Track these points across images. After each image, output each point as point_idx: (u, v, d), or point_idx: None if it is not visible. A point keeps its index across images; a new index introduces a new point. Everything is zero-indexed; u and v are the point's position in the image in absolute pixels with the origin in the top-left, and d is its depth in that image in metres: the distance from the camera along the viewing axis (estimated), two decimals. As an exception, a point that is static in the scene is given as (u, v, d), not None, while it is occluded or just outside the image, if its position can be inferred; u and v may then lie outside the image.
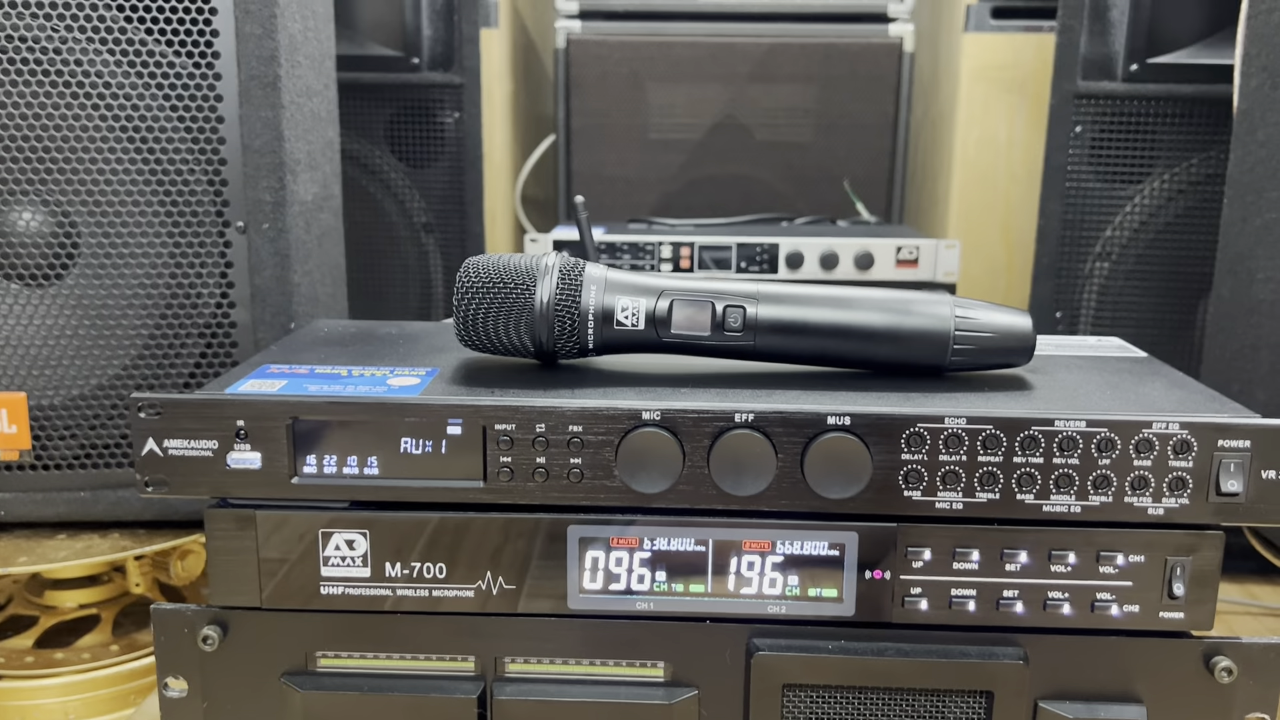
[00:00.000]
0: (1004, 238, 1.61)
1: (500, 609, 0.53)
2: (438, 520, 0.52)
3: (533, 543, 0.52)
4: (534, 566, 0.52)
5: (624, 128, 1.60)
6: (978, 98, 1.56)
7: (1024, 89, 1.57)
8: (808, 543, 0.51)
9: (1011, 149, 1.58)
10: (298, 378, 0.54)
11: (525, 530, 0.52)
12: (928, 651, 0.51)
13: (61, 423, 0.80)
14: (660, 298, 0.55)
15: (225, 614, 0.53)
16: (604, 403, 0.50)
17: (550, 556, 0.52)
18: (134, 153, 0.77)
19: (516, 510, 0.52)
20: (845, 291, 0.55)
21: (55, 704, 0.85)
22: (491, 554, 0.52)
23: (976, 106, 1.56)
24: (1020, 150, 1.58)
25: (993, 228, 1.61)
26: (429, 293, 1.26)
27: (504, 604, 0.52)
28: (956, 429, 0.49)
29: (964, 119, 1.57)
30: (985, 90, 1.56)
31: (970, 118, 1.57)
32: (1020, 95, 1.57)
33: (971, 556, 0.51)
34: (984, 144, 1.57)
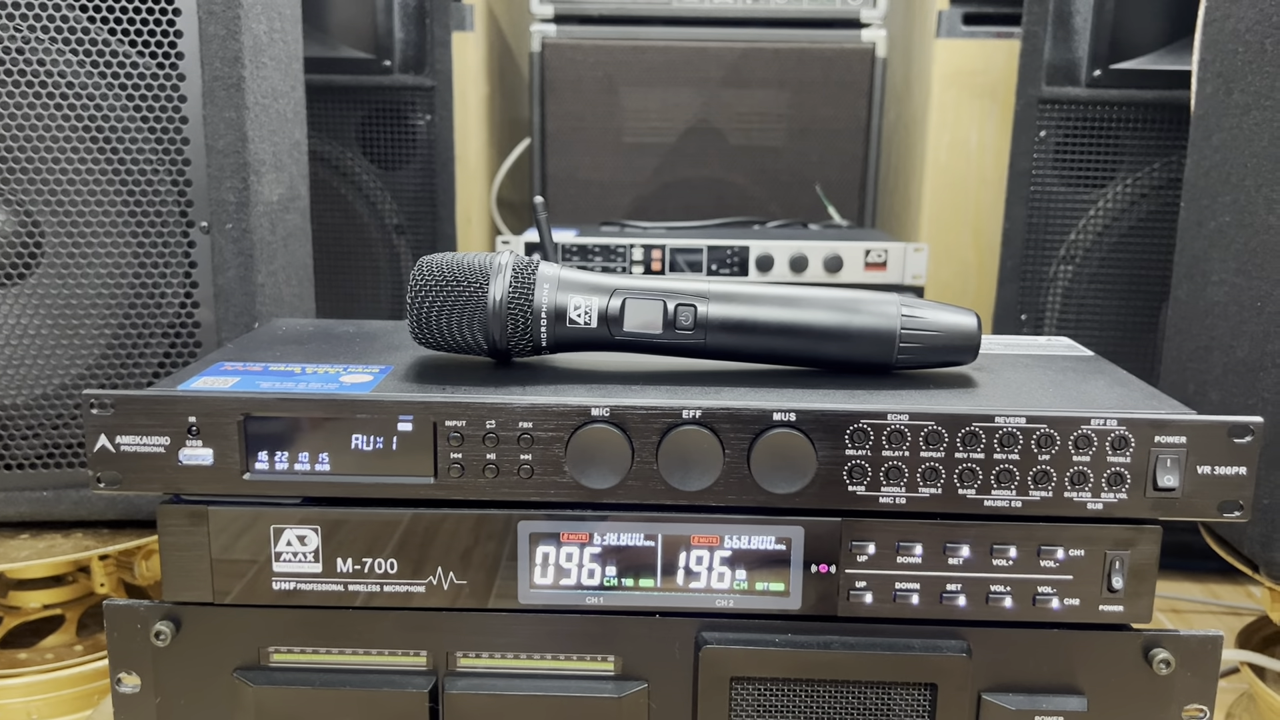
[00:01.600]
0: (974, 241, 1.63)
1: (451, 604, 0.53)
2: (389, 516, 0.52)
3: (483, 538, 0.52)
4: (485, 562, 0.53)
5: (598, 131, 1.61)
6: (949, 103, 1.58)
7: (995, 94, 1.58)
8: (755, 537, 0.52)
9: (982, 154, 1.59)
10: (251, 375, 0.54)
11: (476, 526, 0.52)
12: (873, 644, 0.52)
13: (24, 422, 0.80)
14: (612, 296, 0.55)
15: (178, 609, 0.53)
16: (554, 399, 0.51)
17: (501, 552, 0.53)
18: (97, 153, 0.77)
19: (467, 506, 0.52)
20: (794, 291, 0.56)
21: (18, 704, 0.85)
22: (443, 549, 0.52)
23: (948, 112, 1.58)
24: (991, 155, 1.60)
25: (963, 231, 1.62)
26: (400, 294, 1.27)
27: (455, 599, 0.53)
28: (899, 425, 0.50)
29: (935, 124, 1.59)
30: (956, 95, 1.58)
31: (942, 123, 1.59)
32: (991, 100, 1.59)
33: (915, 550, 0.51)
34: (955, 149, 1.59)
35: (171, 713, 0.54)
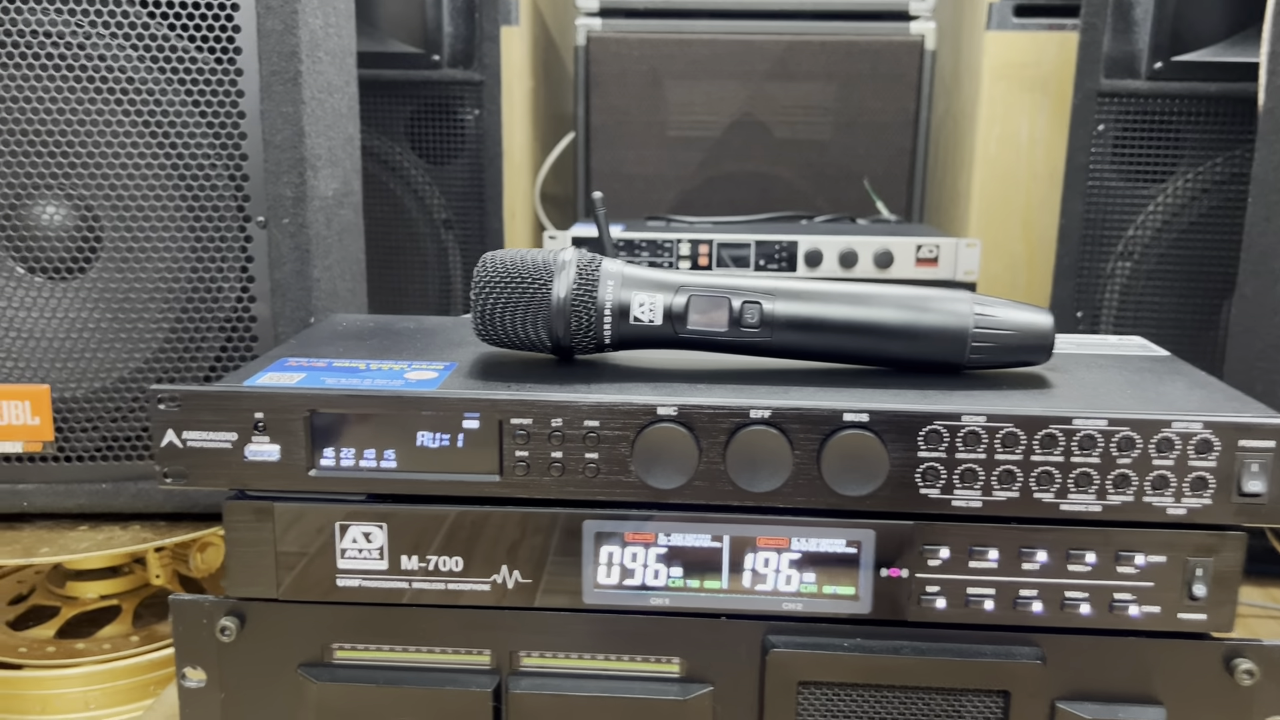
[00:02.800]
0: (1025, 236, 1.60)
1: (516, 603, 0.53)
2: (454, 514, 0.52)
3: (548, 537, 0.52)
4: (550, 561, 0.52)
5: (643, 125, 1.60)
6: (999, 96, 1.55)
7: (1046, 87, 1.56)
8: (824, 540, 0.51)
9: (1033, 147, 1.57)
10: (316, 371, 0.54)
11: (541, 525, 0.52)
12: (944, 650, 0.51)
13: (84, 415, 0.81)
14: (677, 293, 0.55)
15: (243, 605, 0.53)
16: (620, 398, 0.50)
17: (566, 551, 0.52)
18: (156, 147, 0.78)
19: (532, 505, 0.52)
20: (863, 288, 0.55)
21: (76, 694, 0.86)
22: (507, 548, 0.52)
23: (998, 105, 1.55)
24: (1042, 149, 1.57)
25: (1013, 226, 1.60)
26: (448, 289, 1.27)
27: (520, 598, 0.53)
28: (975, 426, 0.49)
29: (985, 117, 1.56)
30: (1007, 89, 1.55)
31: (992, 116, 1.56)
32: (1042, 94, 1.56)
33: (989, 555, 0.50)
34: (1005, 142, 1.56)
35: (236, 708, 0.54)
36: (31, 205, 0.79)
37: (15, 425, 0.79)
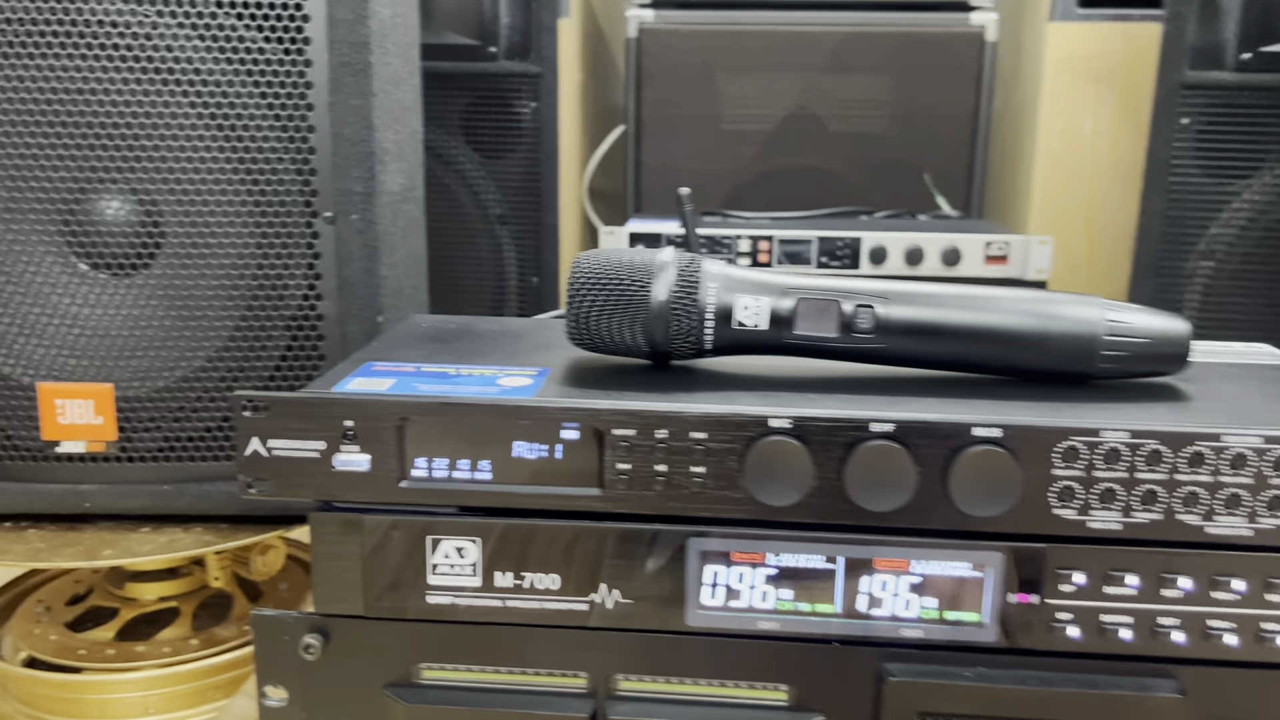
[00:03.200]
0: (1087, 232, 1.56)
1: (614, 624, 0.50)
2: (552, 529, 0.49)
3: (650, 555, 0.49)
4: (651, 580, 0.49)
5: (695, 118, 1.57)
6: (1062, 89, 1.51)
7: (1112, 80, 1.51)
8: (947, 563, 0.48)
9: (1097, 141, 1.52)
10: (405, 376, 0.51)
11: (643, 542, 0.49)
12: (1076, 682, 0.48)
13: (146, 414, 0.78)
14: (784, 296, 0.52)
15: (327, 622, 0.51)
16: (730, 408, 0.47)
17: (668, 570, 0.49)
18: (222, 140, 0.75)
19: (634, 520, 0.49)
20: (984, 291, 0.51)
21: (136, 698, 0.84)
22: (607, 566, 0.49)
23: (1061, 98, 1.51)
24: (1106, 143, 1.52)
25: (1075, 222, 1.55)
26: (502, 285, 1.24)
27: (618, 618, 0.50)
28: (1115, 443, 0.46)
29: (1047, 110, 1.52)
30: (1070, 81, 1.51)
31: (1054, 109, 1.52)
32: (1107, 86, 1.51)
33: (1127, 580, 0.47)
34: (1068, 136, 1.52)
35: (318, 728, 0.52)
36: (94, 199, 0.77)
37: (79, 425, 0.77)
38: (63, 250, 0.78)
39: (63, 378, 0.77)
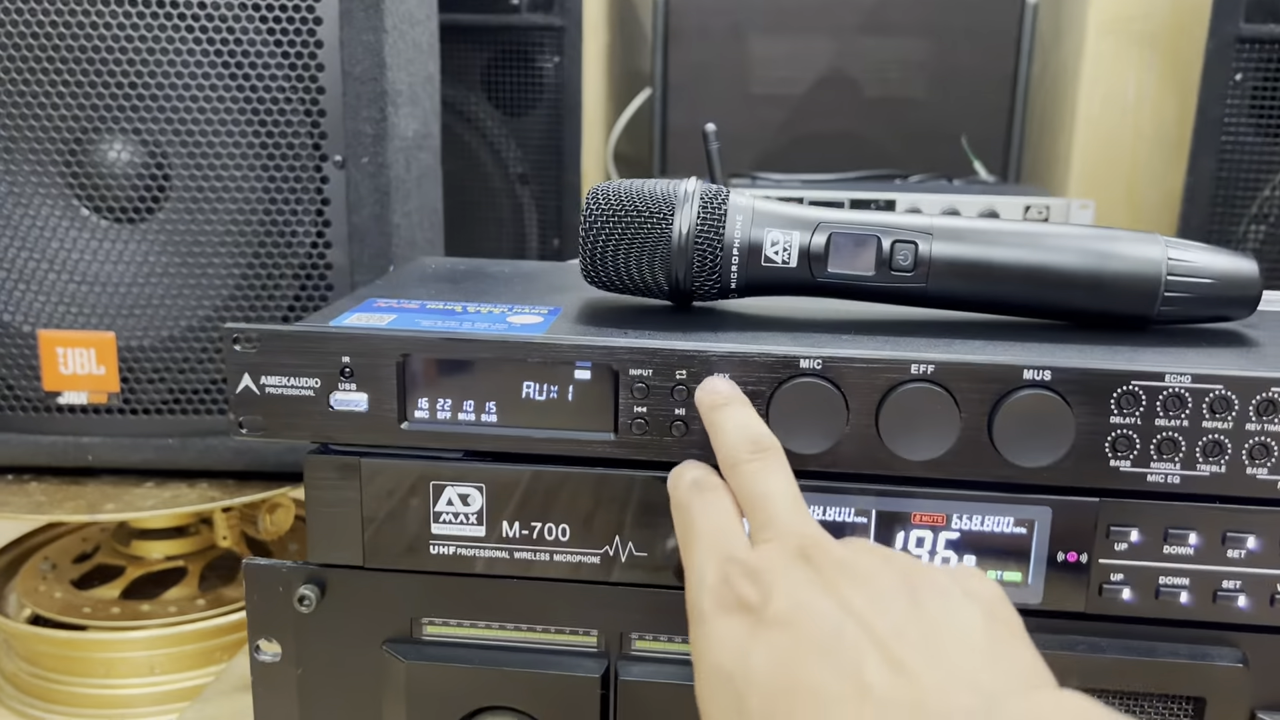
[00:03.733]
0: (1128, 199, 1.50)
1: (629, 579, 0.46)
2: (562, 476, 0.46)
3: (668, 505, 0.45)
4: (669, 532, 0.46)
5: (723, 81, 1.52)
6: (1105, 52, 1.45)
7: (1156, 43, 1.45)
8: (990, 517, 0.44)
9: (1140, 106, 1.46)
10: (408, 312, 0.48)
11: (660, 491, 0.45)
12: (1129, 649, 0.44)
13: (151, 365, 0.76)
14: (816, 231, 0.48)
15: (324, 572, 0.48)
16: (756, 348, 0.43)
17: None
18: (228, 80, 0.72)
19: (651, 468, 0.45)
20: (1035, 228, 0.47)
21: (141, 657, 0.82)
22: (621, 516, 0.46)
23: (1103, 61, 1.45)
24: (1149, 108, 1.46)
25: (1117, 189, 1.50)
26: (523, 246, 1.21)
27: (633, 573, 0.46)
28: (1179, 388, 0.41)
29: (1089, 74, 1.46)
30: (1114, 44, 1.45)
31: (1095, 73, 1.46)
32: (1152, 49, 1.45)
33: (1188, 539, 0.43)
34: (1109, 101, 1.46)
35: (314, 685, 0.49)
36: (97, 144, 0.74)
37: (80, 374, 0.75)
38: (65, 196, 0.75)
39: (64, 327, 0.75)
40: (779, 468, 0.39)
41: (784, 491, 0.38)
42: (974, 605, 0.32)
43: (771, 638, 0.32)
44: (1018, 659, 0.31)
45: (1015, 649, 0.32)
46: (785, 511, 0.37)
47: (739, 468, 0.39)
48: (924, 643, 0.31)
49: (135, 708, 0.81)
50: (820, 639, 0.31)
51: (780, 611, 0.33)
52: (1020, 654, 0.32)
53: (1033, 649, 0.32)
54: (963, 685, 0.29)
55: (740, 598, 0.34)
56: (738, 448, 0.39)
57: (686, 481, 0.41)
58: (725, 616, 0.34)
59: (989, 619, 0.32)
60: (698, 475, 0.41)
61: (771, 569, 0.34)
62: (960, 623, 0.32)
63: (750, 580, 0.34)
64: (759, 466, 0.39)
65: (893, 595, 0.33)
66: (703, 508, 0.39)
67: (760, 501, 0.38)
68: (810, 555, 0.35)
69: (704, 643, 0.34)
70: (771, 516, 0.37)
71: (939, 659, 0.30)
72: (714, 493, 0.40)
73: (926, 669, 0.30)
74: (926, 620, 0.32)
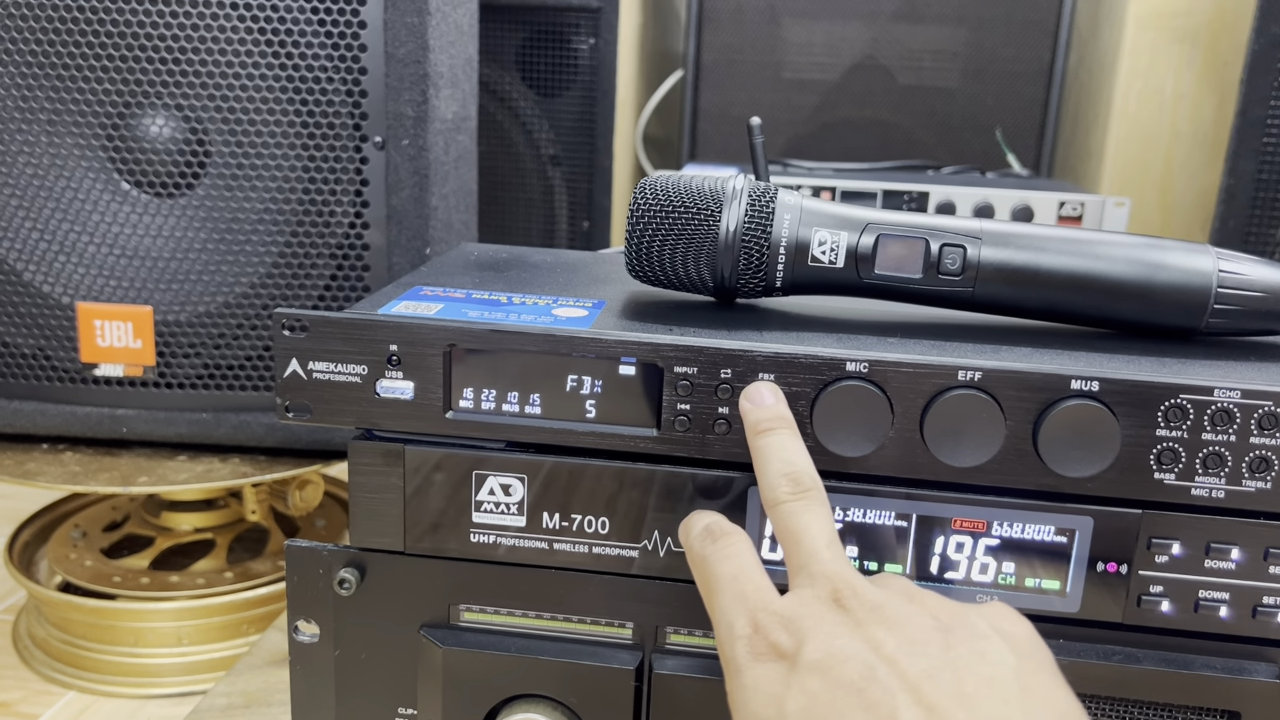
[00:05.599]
0: (1161, 199, 1.49)
1: (666, 573, 0.47)
2: (603, 470, 0.46)
3: (708, 503, 0.46)
4: (708, 529, 0.46)
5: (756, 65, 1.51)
6: (1144, 47, 1.43)
7: (1197, 39, 1.43)
8: (1031, 525, 0.44)
9: (1177, 104, 1.45)
10: (454, 302, 0.48)
11: (701, 488, 0.46)
12: (1165, 660, 0.44)
13: (186, 340, 0.77)
14: (864, 232, 0.48)
15: (364, 556, 0.48)
16: (802, 349, 0.43)
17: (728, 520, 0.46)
18: (270, 58, 0.72)
19: (692, 465, 0.46)
20: (1084, 234, 0.47)
21: (169, 627, 0.83)
22: (660, 512, 0.46)
23: (1141, 57, 1.44)
24: (1187, 106, 1.45)
25: (1150, 188, 1.48)
26: (552, 228, 1.21)
27: (670, 568, 0.47)
28: (1227, 403, 0.41)
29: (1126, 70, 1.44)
30: (1153, 39, 1.43)
31: (1134, 69, 1.44)
32: (1193, 46, 1.44)
33: (1230, 554, 0.43)
34: (1147, 97, 1.45)
35: (350, 667, 0.50)
36: (139, 117, 0.74)
37: (117, 347, 0.76)
38: (105, 169, 0.75)
39: (102, 300, 0.75)
40: (818, 508, 0.39)
41: (821, 532, 0.38)
42: (1006, 645, 0.33)
43: (806, 683, 0.32)
44: (1052, 699, 0.32)
45: (1049, 689, 0.32)
46: (821, 552, 0.37)
47: (780, 506, 0.39)
48: (957, 685, 0.31)
49: (162, 677, 0.83)
50: (854, 683, 0.32)
51: (814, 657, 0.33)
52: (1054, 694, 0.32)
53: (1066, 687, 0.33)
54: None
55: (774, 645, 0.35)
56: (779, 486, 0.39)
57: (698, 531, 0.41)
58: (760, 665, 0.34)
59: (1021, 658, 0.32)
60: (708, 523, 0.41)
61: (804, 615, 0.35)
62: (993, 664, 0.32)
63: (784, 627, 0.35)
64: (800, 506, 0.39)
65: (925, 638, 0.33)
66: (720, 556, 0.39)
67: (797, 541, 0.38)
68: (843, 600, 0.35)
69: (741, 694, 0.35)
70: (808, 558, 0.37)
71: (971, 701, 0.30)
72: (728, 538, 0.40)
73: (959, 711, 0.30)
74: (959, 663, 0.32)
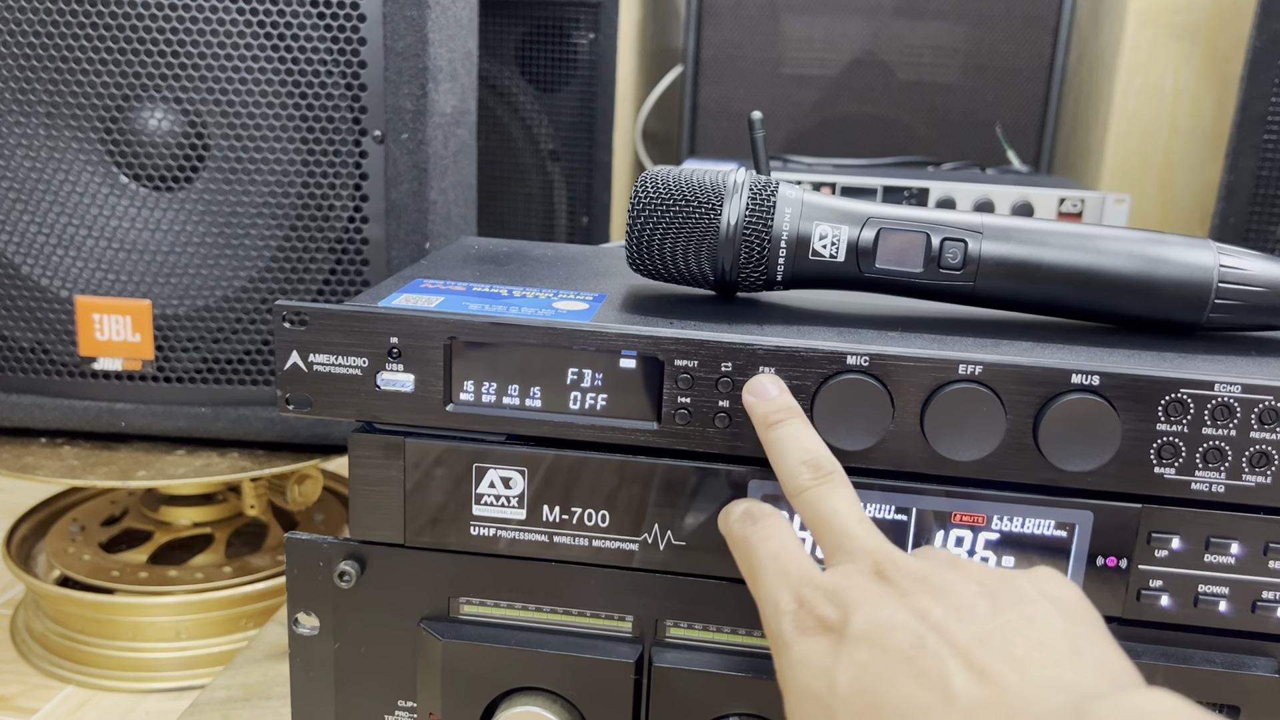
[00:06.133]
0: (1161, 195, 1.49)
1: (666, 566, 0.47)
2: (603, 463, 0.46)
3: (708, 496, 0.46)
4: (707, 522, 0.46)
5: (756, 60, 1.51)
6: (1143, 43, 1.43)
7: (1198, 35, 1.43)
8: (1031, 519, 0.44)
9: (1177, 100, 1.45)
10: (455, 295, 0.48)
11: (701, 481, 0.46)
12: (1165, 655, 0.44)
13: (185, 334, 0.76)
14: (865, 226, 0.48)
15: (364, 549, 0.48)
16: (802, 342, 0.43)
17: (729, 512, 0.46)
18: (270, 51, 0.72)
19: (692, 458, 0.46)
20: (1086, 229, 0.47)
21: (168, 622, 0.83)
22: (660, 505, 0.46)
23: (1141, 53, 1.44)
24: (1187, 102, 1.45)
25: (1150, 185, 1.48)
26: (551, 224, 1.21)
27: (670, 561, 0.47)
28: (1227, 398, 0.41)
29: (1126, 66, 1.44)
30: (1153, 35, 1.43)
31: (1134, 65, 1.44)
32: (1193, 42, 1.44)
33: (1230, 549, 0.43)
34: (1147, 94, 1.45)
35: (351, 660, 0.50)
36: (138, 111, 0.74)
37: (115, 341, 0.75)
38: (104, 162, 0.75)
39: (100, 293, 0.75)
40: (843, 488, 0.39)
41: (851, 511, 0.38)
42: (1054, 609, 0.32)
43: (855, 654, 0.32)
44: (1103, 659, 0.31)
45: (1100, 649, 0.32)
46: (854, 529, 0.37)
47: (804, 494, 0.39)
48: (1006, 648, 0.31)
49: (161, 671, 0.83)
50: (903, 652, 0.31)
51: (862, 628, 0.33)
52: (1106, 654, 0.32)
53: (1118, 649, 0.32)
54: (1049, 687, 0.29)
55: (821, 618, 0.34)
56: (800, 474, 0.39)
57: (737, 515, 0.41)
58: (808, 639, 0.34)
59: (1070, 621, 0.32)
60: (747, 506, 0.41)
61: (849, 588, 0.35)
62: (1041, 627, 0.32)
63: (829, 601, 0.35)
64: (826, 490, 0.39)
65: (972, 604, 0.33)
66: (761, 536, 0.39)
67: (829, 523, 0.38)
68: (885, 571, 0.35)
69: (790, 669, 0.34)
70: (843, 537, 0.37)
71: (1023, 663, 0.30)
72: (767, 519, 0.40)
73: (1011, 673, 0.30)
74: (1007, 626, 0.32)
